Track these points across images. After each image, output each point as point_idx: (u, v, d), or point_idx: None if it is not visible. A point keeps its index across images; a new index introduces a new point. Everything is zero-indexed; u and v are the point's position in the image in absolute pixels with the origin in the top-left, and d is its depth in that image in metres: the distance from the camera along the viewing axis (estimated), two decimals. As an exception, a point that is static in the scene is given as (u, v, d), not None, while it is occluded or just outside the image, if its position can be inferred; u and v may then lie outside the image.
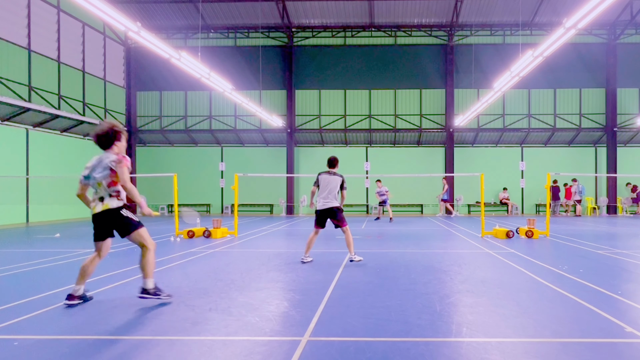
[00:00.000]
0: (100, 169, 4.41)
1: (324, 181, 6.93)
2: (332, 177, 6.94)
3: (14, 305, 4.35)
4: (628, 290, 5.02)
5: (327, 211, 6.90)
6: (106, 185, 4.41)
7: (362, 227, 13.69)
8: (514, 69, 12.45)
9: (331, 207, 6.87)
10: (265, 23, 21.56)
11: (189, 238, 10.44)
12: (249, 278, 5.70)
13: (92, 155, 4.70)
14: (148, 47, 10.06)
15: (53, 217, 17.31)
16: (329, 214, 6.92)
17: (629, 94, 21.66)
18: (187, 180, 22.07)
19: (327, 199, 6.87)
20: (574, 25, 8.74)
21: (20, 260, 7.17)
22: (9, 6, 15.07)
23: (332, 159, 7.14)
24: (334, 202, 6.88)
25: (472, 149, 22.44)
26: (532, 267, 6.43)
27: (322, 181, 6.95)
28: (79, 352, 3.13)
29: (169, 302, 4.44)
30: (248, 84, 21.81)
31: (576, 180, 20.34)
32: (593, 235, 11.15)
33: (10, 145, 15.33)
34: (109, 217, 4.43)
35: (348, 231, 6.93)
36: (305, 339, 3.37)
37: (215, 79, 13.08)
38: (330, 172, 7.03)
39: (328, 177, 6.95)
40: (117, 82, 21.39)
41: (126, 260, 7.19)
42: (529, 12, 20.73)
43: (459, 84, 21.75)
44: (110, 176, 4.39)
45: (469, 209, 22.12)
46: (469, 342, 3.28)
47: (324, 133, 22.18)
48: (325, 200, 6.87)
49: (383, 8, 20.50)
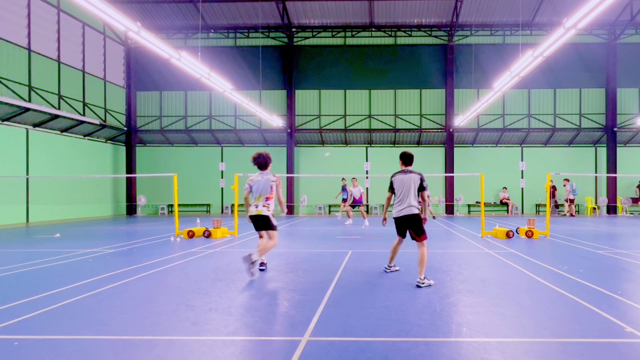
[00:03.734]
0: (263, 185, 6.08)
1: (398, 182, 5.70)
2: (409, 177, 5.65)
3: (14, 305, 4.35)
4: (628, 290, 5.02)
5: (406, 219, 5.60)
6: (264, 199, 6.08)
7: (362, 228, 13.68)
8: (514, 69, 12.45)
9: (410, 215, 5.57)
10: (265, 23, 21.56)
11: (189, 238, 10.44)
12: (249, 278, 5.70)
13: (92, 155, 4.77)
14: (148, 47, 10.06)
15: (53, 217, 17.31)
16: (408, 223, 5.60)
17: (629, 94, 21.66)
18: (187, 180, 22.08)
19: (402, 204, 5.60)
20: (574, 25, 8.74)
21: (20, 260, 7.17)
22: (9, 6, 15.07)
23: (408, 154, 5.84)
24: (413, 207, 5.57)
25: (472, 149, 22.44)
26: (532, 267, 6.43)
27: (396, 183, 5.73)
28: (79, 352, 3.13)
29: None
30: (248, 84, 21.81)
31: (568, 180, 20.32)
32: (593, 235, 11.15)
33: (10, 145, 15.34)
34: (262, 219, 6.09)
35: (425, 247, 5.49)
36: (305, 339, 3.37)
37: (215, 79, 13.08)
38: (406, 171, 5.74)
39: (404, 177, 5.67)
40: (117, 82, 21.38)
41: (126, 260, 7.19)
42: (529, 12, 20.73)
43: (459, 84, 21.75)
44: (269, 192, 6.08)
45: (469, 209, 22.12)
46: (469, 342, 3.28)
47: (324, 133, 22.17)
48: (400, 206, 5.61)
49: (383, 8, 20.51)
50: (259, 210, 6.04)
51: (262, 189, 6.07)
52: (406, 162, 5.81)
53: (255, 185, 6.12)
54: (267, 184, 6.07)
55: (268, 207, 6.07)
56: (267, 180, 6.09)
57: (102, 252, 8.22)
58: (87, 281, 5.50)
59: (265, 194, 6.05)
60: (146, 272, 6.12)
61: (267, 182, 6.08)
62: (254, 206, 6.08)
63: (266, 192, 6.06)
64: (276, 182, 6.14)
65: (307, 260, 7.26)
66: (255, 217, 6.08)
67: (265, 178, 6.12)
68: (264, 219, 6.06)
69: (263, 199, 6.06)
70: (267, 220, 6.05)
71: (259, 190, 6.09)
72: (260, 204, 6.05)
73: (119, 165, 21.96)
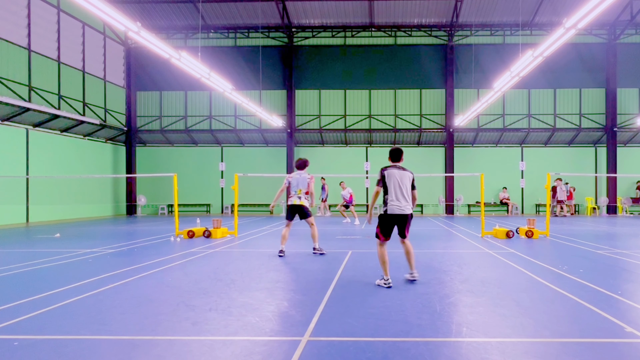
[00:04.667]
0: (301, 182, 7.75)
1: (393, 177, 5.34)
2: (404, 173, 5.41)
3: (14, 305, 4.35)
4: (628, 290, 5.02)
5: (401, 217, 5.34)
6: (303, 192, 7.76)
7: (362, 228, 13.69)
8: (514, 69, 12.45)
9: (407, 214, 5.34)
10: (265, 23, 21.56)
11: (189, 238, 10.44)
12: (249, 278, 5.70)
13: (92, 155, 4.82)
14: (148, 47, 10.06)
15: (53, 217, 17.31)
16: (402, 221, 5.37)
17: (629, 94, 21.66)
18: (187, 180, 22.08)
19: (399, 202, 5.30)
20: (574, 25, 8.74)
21: (20, 260, 7.17)
22: (9, 6, 15.07)
23: (398, 149, 5.55)
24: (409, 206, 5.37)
25: (472, 149, 22.44)
26: (532, 267, 6.43)
27: (390, 178, 5.35)
28: (79, 352, 3.13)
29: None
30: (248, 84, 21.81)
31: (561, 180, 20.31)
32: (593, 235, 11.15)
33: (10, 145, 15.33)
34: (299, 208, 7.74)
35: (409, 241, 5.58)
36: (305, 339, 3.37)
37: (215, 79, 13.08)
38: (399, 167, 5.47)
39: (400, 173, 5.39)
40: (117, 82, 21.38)
41: (126, 260, 7.19)
42: (529, 12, 20.73)
43: (459, 84, 21.75)
44: (307, 187, 7.77)
45: (469, 209, 22.13)
46: (469, 342, 3.28)
47: (324, 133, 22.17)
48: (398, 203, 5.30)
49: (383, 8, 20.50)
50: (301, 201, 7.71)
51: (301, 184, 7.74)
52: (396, 158, 5.52)
53: (293, 181, 7.79)
54: (304, 181, 7.76)
55: (307, 199, 7.78)
56: (304, 178, 7.78)
57: (102, 252, 8.22)
58: (87, 281, 5.50)
59: (304, 188, 7.74)
60: (146, 272, 6.12)
61: (304, 180, 7.77)
62: (297, 198, 7.71)
63: (304, 187, 7.75)
64: (311, 179, 7.83)
65: (307, 260, 7.26)
66: (296, 206, 7.72)
67: (302, 176, 7.79)
68: (302, 208, 7.73)
69: (303, 192, 7.74)
70: (305, 209, 7.74)
71: (297, 185, 7.75)
72: (301, 196, 7.73)
73: (119, 165, 21.96)
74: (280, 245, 7.67)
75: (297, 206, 7.71)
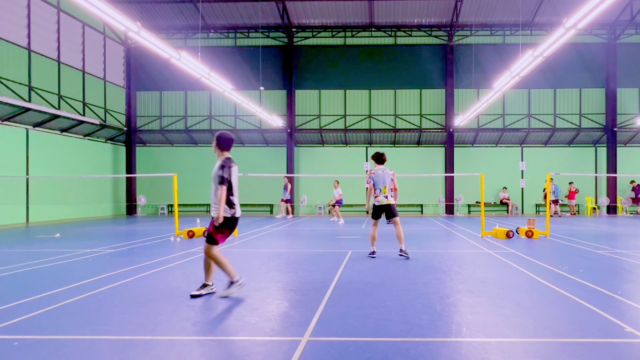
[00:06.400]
0: (387, 178, 7.33)
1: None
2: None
3: (14, 305, 4.35)
4: (628, 290, 5.02)
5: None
6: (389, 190, 7.31)
7: (362, 227, 13.69)
8: (514, 69, 12.45)
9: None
10: (265, 23, 21.56)
11: (189, 238, 10.44)
12: (249, 278, 5.70)
13: (92, 155, 4.83)
14: (148, 47, 10.06)
15: (53, 217, 17.31)
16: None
17: (629, 94, 21.66)
18: (187, 180, 22.07)
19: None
20: (574, 25, 8.74)
21: (20, 260, 7.17)
22: (9, 6, 15.07)
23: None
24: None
25: (472, 149, 22.44)
26: (532, 267, 6.43)
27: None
28: (78, 352, 3.13)
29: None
30: (248, 84, 21.81)
31: (552, 180, 20.30)
32: (593, 235, 11.15)
33: (10, 145, 15.33)
34: (387, 208, 7.32)
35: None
36: (305, 339, 3.37)
37: (215, 79, 13.08)
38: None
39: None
40: (117, 82, 21.38)
41: (126, 260, 7.19)
42: (529, 12, 20.73)
43: (459, 84, 21.75)
44: (392, 183, 7.35)
45: (469, 209, 22.13)
46: (469, 342, 3.28)
47: (324, 133, 22.17)
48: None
49: (383, 8, 20.50)
50: (389, 200, 7.34)
51: (385, 181, 7.34)
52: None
53: (376, 177, 7.39)
54: (387, 177, 7.37)
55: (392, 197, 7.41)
56: (388, 173, 7.40)
57: (102, 252, 8.22)
58: (87, 281, 5.50)
59: (389, 185, 7.35)
60: (146, 272, 6.12)
61: (388, 175, 7.38)
62: (383, 197, 7.32)
63: (389, 183, 7.37)
64: (393, 175, 7.48)
65: (307, 260, 7.26)
66: (385, 206, 7.35)
67: (385, 172, 7.40)
68: (390, 208, 7.34)
69: (388, 190, 7.34)
70: (392, 209, 7.36)
71: (384, 182, 7.35)
72: (388, 195, 7.34)
73: (119, 165, 21.96)
74: (371, 247, 7.52)
75: (386, 206, 7.39)
